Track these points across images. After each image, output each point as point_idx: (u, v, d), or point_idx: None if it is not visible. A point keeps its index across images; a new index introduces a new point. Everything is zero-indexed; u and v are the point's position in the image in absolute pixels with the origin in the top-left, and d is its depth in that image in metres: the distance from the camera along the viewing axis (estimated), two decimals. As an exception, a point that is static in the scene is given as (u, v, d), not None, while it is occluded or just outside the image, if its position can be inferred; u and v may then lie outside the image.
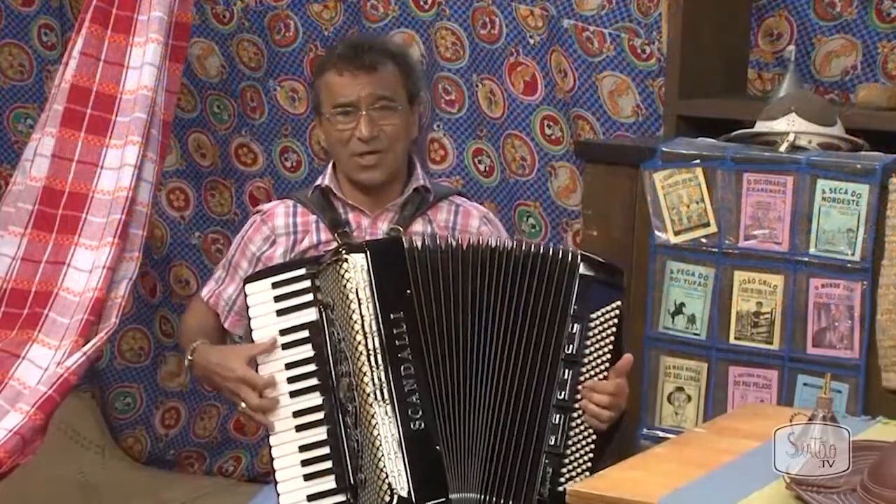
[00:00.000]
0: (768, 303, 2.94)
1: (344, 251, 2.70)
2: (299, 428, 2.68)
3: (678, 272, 3.03)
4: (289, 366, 2.71)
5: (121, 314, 3.14)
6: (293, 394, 2.70)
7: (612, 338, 2.68)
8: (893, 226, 2.81)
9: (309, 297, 2.72)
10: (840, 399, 2.84)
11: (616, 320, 2.68)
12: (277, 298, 2.73)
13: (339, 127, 2.88)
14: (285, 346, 2.71)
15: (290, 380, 2.71)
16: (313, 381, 2.70)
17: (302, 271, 2.73)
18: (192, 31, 3.59)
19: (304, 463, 2.67)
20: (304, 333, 2.71)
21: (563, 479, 2.63)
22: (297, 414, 2.69)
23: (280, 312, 2.72)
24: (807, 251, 2.90)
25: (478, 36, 3.79)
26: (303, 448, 2.67)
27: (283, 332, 2.72)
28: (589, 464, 2.64)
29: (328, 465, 2.66)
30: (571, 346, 2.66)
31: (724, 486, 2.17)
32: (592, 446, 2.65)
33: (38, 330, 3.12)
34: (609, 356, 2.67)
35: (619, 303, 2.69)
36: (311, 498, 2.65)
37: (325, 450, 2.66)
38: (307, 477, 2.66)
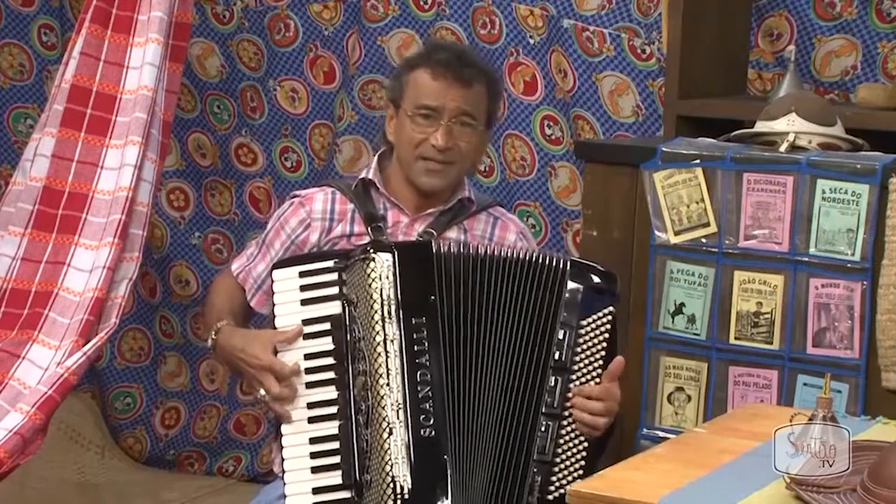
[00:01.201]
0: (768, 303, 2.94)
1: (372, 250, 2.69)
2: (312, 420, 2.68)
3: (678, 272, 3.03)
4: (308, 356, 2.70)
5: (121, 314, 3.13)
6: (309, 385, 2.70)
7: (603, 344, 2.68)
8: (893, 226, 2.81)
9: (334, 290, 2.71)
10: (840, 399, 2.83)
11: (608, 326, 2.68)
12: (303, 288, 2.72)
13: (416, 127, 2.85)
14: (306, 337, 2.71)
15: (308, 371, 2.70)
16: (330, 375, 2.69)
17: (330, 264, 2.73)
18: (192, 31, 3.58)
19: (313, 455, 2.67)
20: (326, 326, 2.70)
21: (552, 488, 2.63)
22: (311, 405, 2.69)
23: (304, 302, 2.72)
24: (807, 251, 2.90)
25: (478, 36, 3.78)
26: (313, 440, 2.67)
27: (306, 322, 2.71)
28: (580, 472, 2.63)
29: (336, 460, 2.66)
30: (560, 353, 2.66)
31: (724, 486, 2.17)
32: (584, 454, 2.65)
33: (39, 330, 3.12)
34: (601, 362, 2.67)
35: (611, 309, 2.69)
36: (316, 491, 2.65)
37: (335, 444, 2.66)
38: (314, 469, 2.66)
